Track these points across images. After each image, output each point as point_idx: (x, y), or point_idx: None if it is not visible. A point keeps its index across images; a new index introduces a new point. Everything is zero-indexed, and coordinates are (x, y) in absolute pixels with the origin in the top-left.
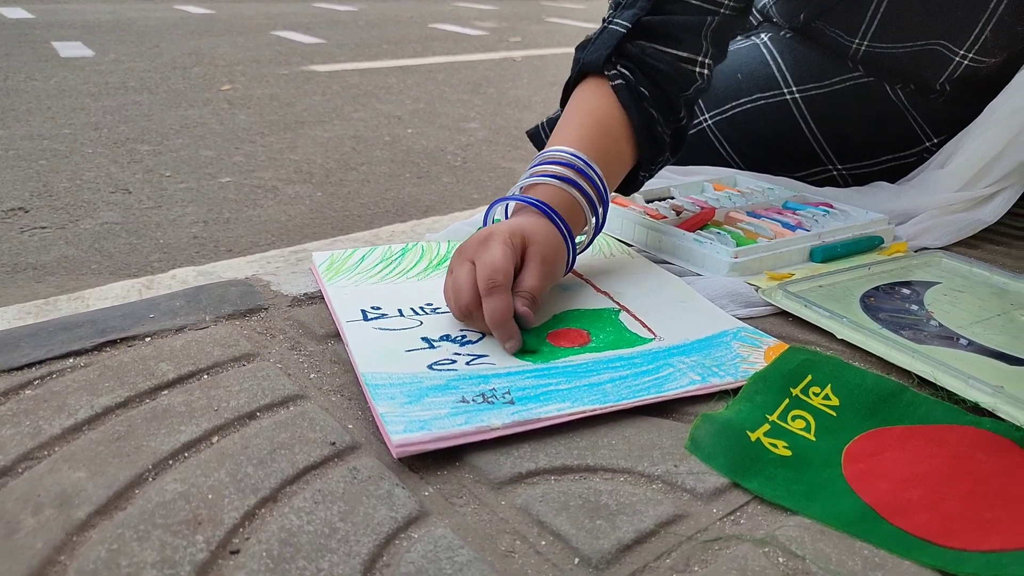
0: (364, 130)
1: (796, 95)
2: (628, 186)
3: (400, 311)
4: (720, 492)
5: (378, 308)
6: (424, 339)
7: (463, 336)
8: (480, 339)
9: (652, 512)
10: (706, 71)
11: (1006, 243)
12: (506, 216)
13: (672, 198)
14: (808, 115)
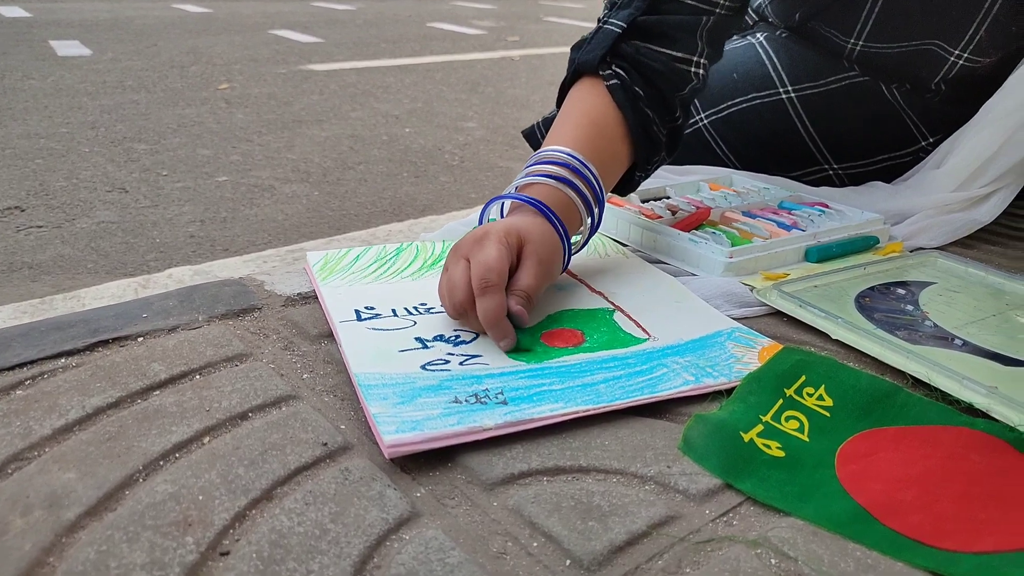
0: (361, 129)
1: (792, 94)
2: (624, 186)
3: (394, 311)
4: (713, 493)
5: (372, 308)
6: (418, 339)
7: (457, 336)
8: (474, 339)
9: (644, 513)
10: (701, 71)
11: (1002, 243)
12: (501, 215)
13: (668, 198)
14: (804, 115)
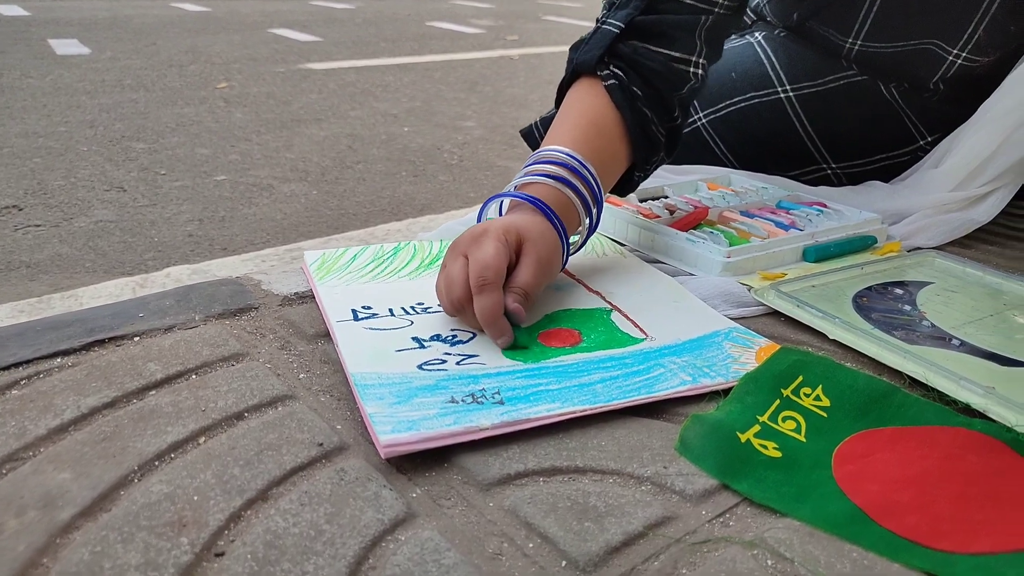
0: (360, 128)
1: (790, 94)
2: (624, 187)
3: (391, 311)
4: (709, 494)
5: (369, 308)
6: (414, 339)
7: (454, 336)
8: (471, 339)
9: (641, 514)
10: (700, 71)
11: (999, 243)
12: (500, 215)
13: (666, 197)
14: (802, 114)
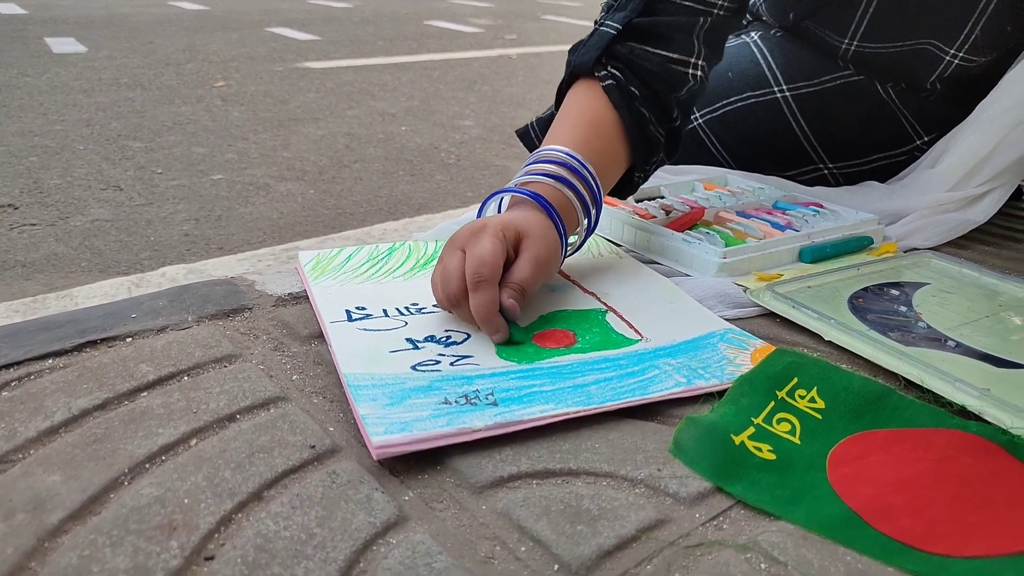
0: (358, 127)
1: (787, 94)
2: (624, 188)
3: (385, 311)
4: (703, 496)
5: (363, 308)
6: (408, 340)
7: (448, 337)
8: (465, 340)
9: (634, 517)
10: (699, 72)
11: (996, 243)
12: (500, 212)
13: (662, 197)
14: (799, 114)
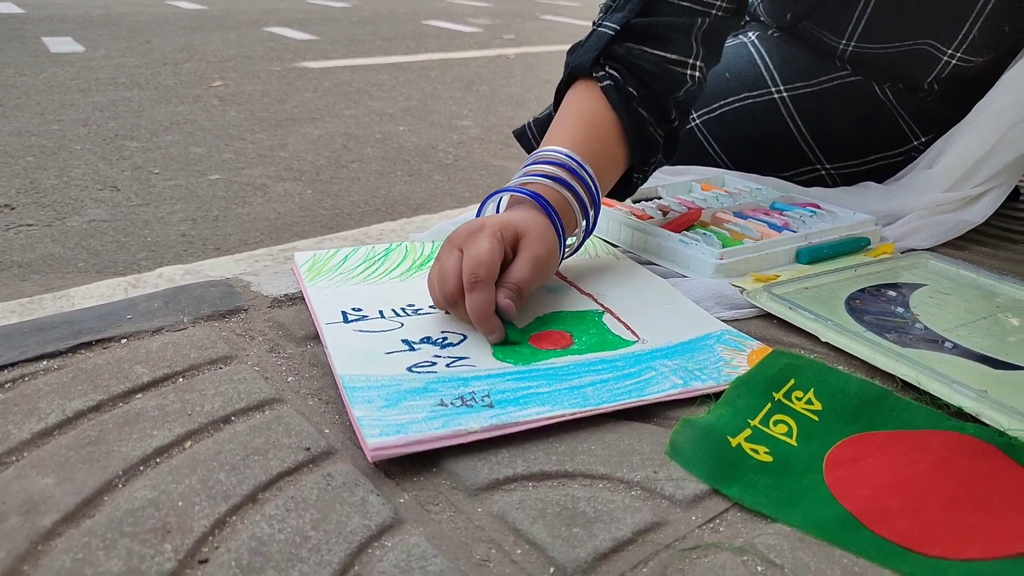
0: (355, 127)
1: (784, 94)
2: (623, 189)
3: (381, 312)
4: (699, 499)
5: (359, 310)
6: (404, 341)
7: (444, 338)
8: (461, 341)
9: (630, 520)
10: (697, 73)
11: (993, 244)
12: (499, 212)
13: (659, 198)
14: (796, 114)
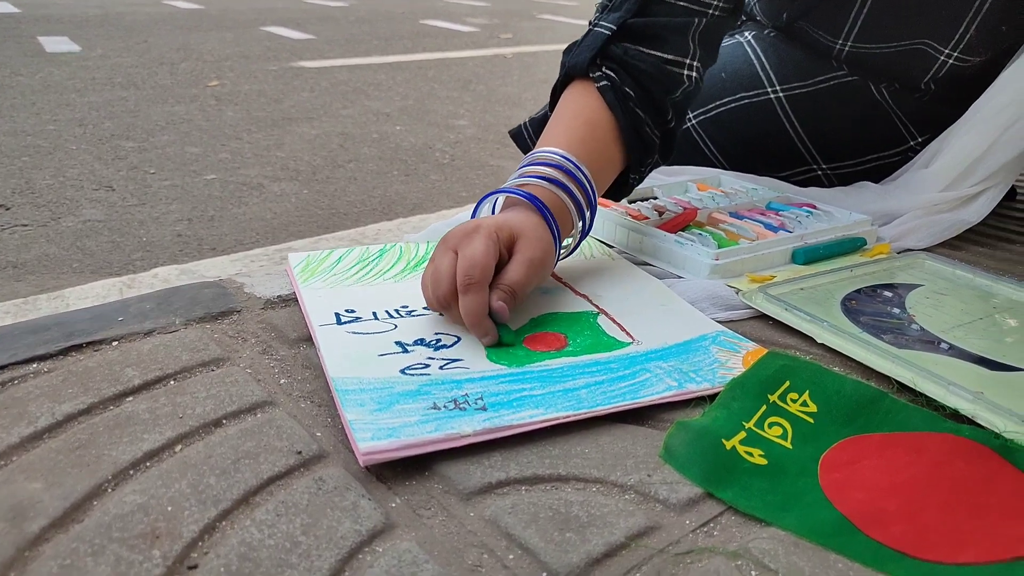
0: (352, 127)
1: (780, 94)
2: (619, 190)
3: (375, 314)
4: (694, 502)
5: (352, 311)
6: (398, 343)
7: (437, 340)
8: (455, 343)
9: (623, 524)
10: (694, 73)
11: (990, 244)
12: (494, 213)
13: (655, 198)
14: (792, 114)
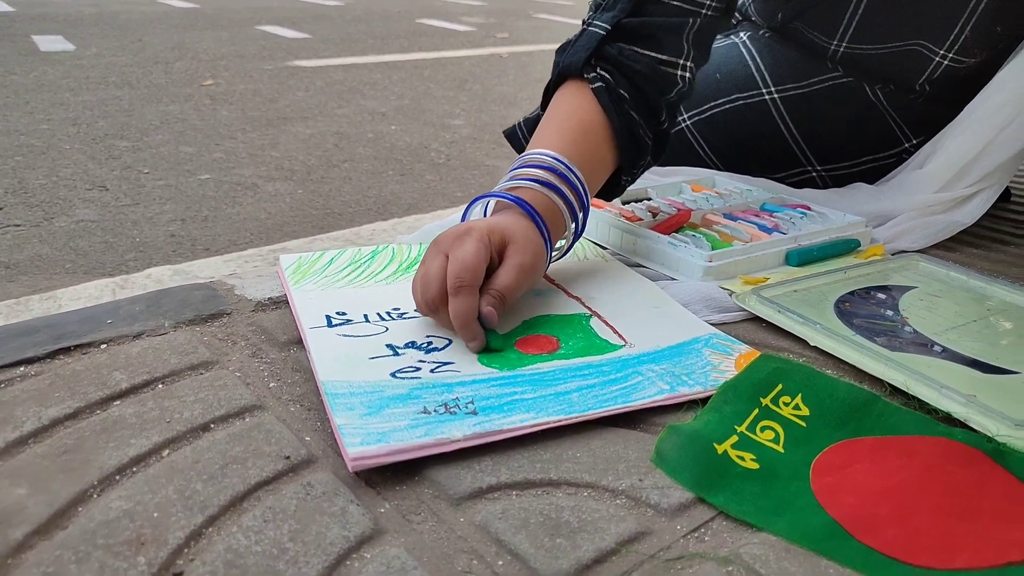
0: (347, 127)
1: (775, 95)
2: (611, 190)
3: (366, 316)
4: (685, 507)
5: (343, 314)
6: (389, 346)
7: (429, 343)
8: (446, 346)
9: (614, 529)
10: (688, 74)
11: (984, 246)
12: (485, 216)
13: (649, 199)
14: (787, 116)
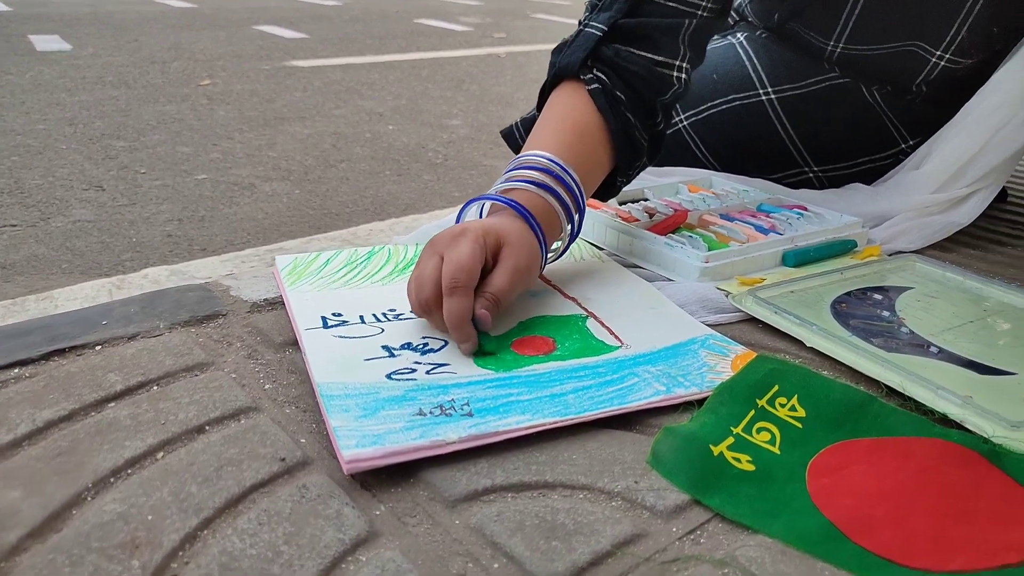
0: (344, 127)
1: (772, 96)
2: (606, 191)
3: (362, 318)
4: (681, 510)
5: (339, 315)
6: (384, 347)
7: (424, 344)
8: (442, 348)
9: (610, 532)
10: (684, 75)
11: (981, 246)
12: (480, 217)
13: (646, 199)
14: (784, 116)
